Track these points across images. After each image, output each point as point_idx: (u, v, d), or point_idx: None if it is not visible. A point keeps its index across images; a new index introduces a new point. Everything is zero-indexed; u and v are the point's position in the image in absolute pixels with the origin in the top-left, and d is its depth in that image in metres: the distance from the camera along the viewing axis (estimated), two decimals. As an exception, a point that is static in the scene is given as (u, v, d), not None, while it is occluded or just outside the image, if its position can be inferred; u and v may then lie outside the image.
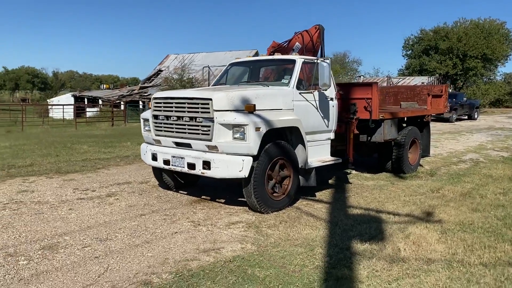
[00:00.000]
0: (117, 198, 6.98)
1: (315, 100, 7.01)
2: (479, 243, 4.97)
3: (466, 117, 30.74)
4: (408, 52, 51.47)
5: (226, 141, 5.90)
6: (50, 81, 78.72)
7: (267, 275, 4.11)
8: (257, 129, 5.78)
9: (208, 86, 8.36)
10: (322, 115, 7.15)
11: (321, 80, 6.71)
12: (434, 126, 24.11)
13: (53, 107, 36.10)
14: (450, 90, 44.93)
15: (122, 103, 35.41)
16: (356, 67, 63.18)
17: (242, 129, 5.78)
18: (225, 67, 8.26)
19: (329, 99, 7.31)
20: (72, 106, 32.60)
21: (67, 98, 43.24)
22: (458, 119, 29.19)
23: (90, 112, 35.29)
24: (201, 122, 6.05)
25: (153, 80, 42.16)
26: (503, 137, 18.56)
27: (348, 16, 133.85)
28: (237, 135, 5.83)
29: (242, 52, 35.86)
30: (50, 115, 34.97)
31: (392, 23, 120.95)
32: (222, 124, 5.88)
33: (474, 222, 5.74)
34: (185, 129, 6.28)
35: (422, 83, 41.48)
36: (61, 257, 4.53)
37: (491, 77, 49.93)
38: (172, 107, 6.45)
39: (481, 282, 3.96)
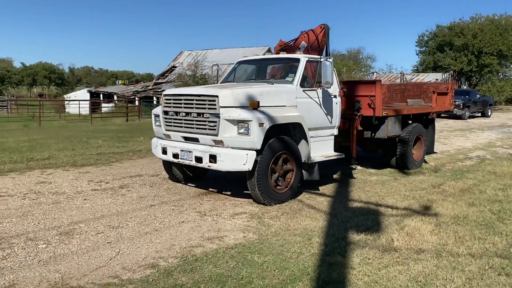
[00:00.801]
0: (129, 190, 7.36)
1: (318, 98, 7.27)
2: (470, 235, 5.21)
3: (479, 114, 30.46)
4: (422, 49, 51.02)
5: (231, 136, 6.23)
6: (67, 77, 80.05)
7: (265, 261, 4.42)
8: (261, 124, 6.08)
9: (217, 83, 8.67)
10: (325, 112, 7.41)
11: (324, 78, 6.97)
12: (446, 124, 24.12)
13: (70, 102, 36.88)
14: (465, 87, 44.58)
15: (136, 98, 36.01)
16: (370, 63, 62.90)
17: (246, 124, 6.09)
18: (233, 65, 8.57)
19: (332, 96, 7.57)
20: (88, 102, 33.32)
21: (82, 93, 44.05)
22: (471, 116, 28.98)
23: (106, 107, 35.98)
24: (208, 117, 6.38)
25: (167, 76, 42.66)
26: (514, 134, 18.51)
27: (363, 12, 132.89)
28: (242, 130, 6.15)
29: (254, 49, 36.13)
30: (67, 110, 35.73)
31: (407, 19, 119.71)
32: (227, 120, 6.20)
33: (468, 216, 5.96)
34: (193, 124, 6.62)
35: (436, 80, 41.20)
36: (77, 242, 4.91)
37: (507, 74, 49.23)
38: (181, 103, 6.79)
39: (465, 270, 4.21)
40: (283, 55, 7.97)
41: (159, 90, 37.80)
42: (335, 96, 7.63)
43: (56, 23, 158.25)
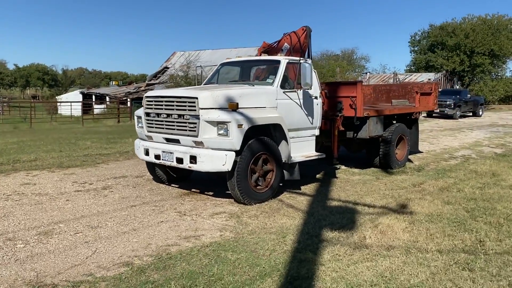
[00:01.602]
0: (112, 191, 7.45)
1: (299, 99, 7.39)
2: (441, 232, 5.33)
3: (470, 114, 30.75)
4: (415, 48, 51.38)
5: (211, 137, 6.33)
6: (60, 78, 79.84)
7: (238, 258, 4.53)
8: (240, 126, 6.20)
9: (200, 85, 8.78)
10: (306, 113, 7.53)
11: (303, 80, 7.09)
12: (437, 123, 24.37)
13: (62, 104, 36.85)
14: (457, 87, 44.91)
15: (128, 100, 36.04)
16: (364, 64, 63.06)
17: (225, 126, 6.20)
18: (216, 67, 8.68)
19: (313, 97, 7.69)
20: (80, 103, 33.29)
21: (75, 95, 44.01)
22: (462, 116, 29.25)
23: (98, 109, 35.99)
24: (188, 119, 6.48)
25: (159, 77, 42.71)
26: (502, 134, 18.72)
27: (357, 12, 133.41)
28: (221, 132, 6.26)
29: (247, 50, 36.20)
30: (59, 112, 35.74)
31: (401, 20, 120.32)
32: (207, 121, 6.31)
33: (442, 214, 6.09)
34: (174, 125, 6.73)
35: (429, 79, 41.49)
36: (55, 241, 5.00)
37: (499, 74, 49.61)
38: (162, 105, 6.89)
39: (431, 266, 4.33)
40: (265, 57, 8.10)
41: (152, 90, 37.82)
42: (316, 97, 7.76)
43: (50, 25, 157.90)
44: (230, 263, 4.39)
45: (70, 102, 32.90)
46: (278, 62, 7.48)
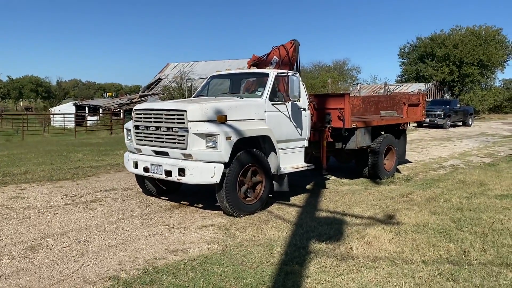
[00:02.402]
0: (101, 204, 7.45)
1: (287, 111, 7.47)
2: (427, 242, 5.39)
3: (460, 124, 31.07)
4: (404, 60, 51.96)
5: (200, 150, 6.38)
6: (54, 90, 79.60)
7: (225, 271, 4.55)
8: (228, 138, 6.25)
9: (190, 97, 8.84)
10: (295, 125, 7.61)
11: (291, 92, 7.18)
12: (427, 133, 24.57)
13: (55, 116, 36.75)
14: (447, 97, 45.37)
15: (121, 111, 36.03)
16: (355, 75, 63.60)
17: (214, 138, 6.25)
18: (206, 79, 8.76)
19: (302, 109, 7.78)
20: (73, 115, 33.24)
21: (68, 107, 43.95)
22: (452, 126, 29.54)
23: (91, 120, 35.92)
24: (177, 132, 6.53)
25: (152, 88, 42.82)
26: (491, 143, 18.92)
27: (348, 24, 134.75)
28: (210, 144, 6.31)
29: (240, 61, 36.39)
30: (52, 123, 35.64)
31: (390, 31, 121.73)
32: (196, 134, 6.36)
33: (428, 224, 6.16)
34: (162, 138, 6.77)
35: (419, 90, 41.89)
36: (41, 256, 4.99)
37: (488, 84, 50.20)
38: (151, 118, 6.94)
39: (415, 277, 4.38)
40: (254, 70, 8.21)
41: (145, 102, 37.84)
42: (304, 109, 7.85)
43: (43, 36, 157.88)
44: (217, 277, 4.41)
45: (63, 114, 32.82)
46: (267, 75, 7.57)
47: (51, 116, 37.60)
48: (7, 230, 5.92)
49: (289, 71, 7.68)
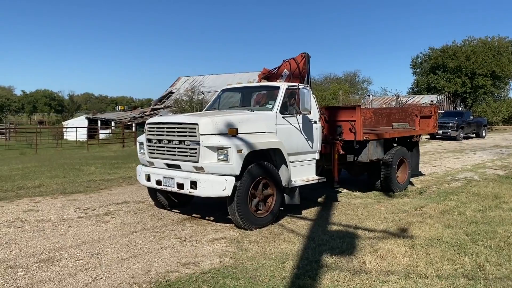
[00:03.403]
0: (114, 217, 7.50)
1: (298, 124, 7.49)
2: (441, 256, 5.32)
3: (474, 135, 30.74)
4: (417, 70, 51.80)
5: (211, 163, 6.42)
6: (67, 104, 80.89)
7: (237, 285, 4.54)
8: (239, 151, 6.28)
9: (202, 111, 8.92)
10: (305, 137, 7.62)
11: (302, 105, 7.21)
12: (440, 145, 24.34)
13: (68, 129, 37.25)
14: (460, 108, 45.01)
15: (133, 124, 36.40)
16: (366, 86, 63.51)
17: (225, 151, 6.29)
18: (217, 93, 8.85)
19: (312, 122, 7.79)
20: (86, 129, 33.67)
21: (81, 120, 44.54)
22: (465, 137, 29.24)
23: (103, 134, 36.33)
24: (189, 145, 6.59)
25: (164, 102, 43.23)
26: (505, 155, 18.67)
27: (359, 36, 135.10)
28: (221, 157, 6.34)
29: (251, 74, 36.64)
30: (65, 137, 36.13)
31: (402, 42, 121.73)
32: (207, 147, 6.41)
33: (442, 238, 6.08)
34: (175, 151, 6.83)
35: (432, 101, 41.68)
36: (55, 269, 5.03)
37: (501, 95, 49.73)
38: (163, 131, 7.01)
39: (430, 291, 4.32)
40: (264, 83, 8.27)
41: (157, 115, 38.22)
42: (315, 122, 7.86)
43: (56, 51, 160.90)
44: (229, 290, 4.40)
45: (75, 128, 33.26)
46: (278, 88, 7.62)
47: (64, 129, 38.13)
48: (22, 243, 5.98)
49: (299, 84, 7.72)
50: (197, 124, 6.51)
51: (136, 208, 8.17)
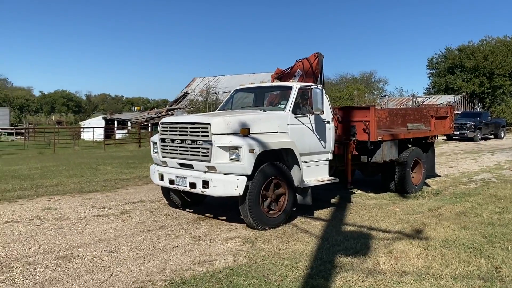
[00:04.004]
0: (130, 215, 7.61)
1: (311, 124, 7.49)
2: (457, 258, 5.27)
3: (492, 136, 30.23)
4: (433, 71, 51.14)
5: (223, 162, 6.46)
6: (84, 104, 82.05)
7: (251, 284, 4.57)
8: (251, 150, 6.31)
9: (215, 111, 8.98)
10: (318, 137, 7.61)
11: (314, 105, 7.21)
12: (457, 146, 24.01)
13: (85, 129, 37.82)
14: (478, 109, 44.28)
15: (149, 125, 36.77)
16: (382, 87, 62.96)
17: (237, 151, 6.33)
18: (230, 93, 8.90)
19: (325, 122, 7.78)
20: (102, 129, 34.15)
21: (98, 120, 45.16)
22: (483, 138, 28.76)
23: (119, 134, 36.78)
24: (201, 144, 6.65)
25: (179, 102, 43.57)
26: (524, 156, 18.32)
27: (376, 36, 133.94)
28: (233, 157, 6.38)
29: (265, 75, 36.60)
30: (82, 137, 36.67)
31: (417, 43, 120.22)
32: (219, 147, 6.46)
33: (458, 239, 6.02)
34: (187, 151, 6.90)
35: (448, 102, 41.10)
36: (73, 266, 5.14)
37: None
38: (176, 131, 7.09)
39: (445, 293, 4.29)
40: (277, 83, 8.29)
41: (172, 116, 38.54)
42: (328, 122, 7.84)
43: (74, 52, 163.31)
44: (242, 289, 4.43)
45: (92, 128, 33.75)
46: (290, 88, 7.63)
47: (81, 129, 38.72)
48: (41, 240, 6.12)
49: (312, 84, 7.71)
50: (209, 124, 6.56)
51: (151, 207, 8.28)
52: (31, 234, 6.44)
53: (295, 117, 7.30)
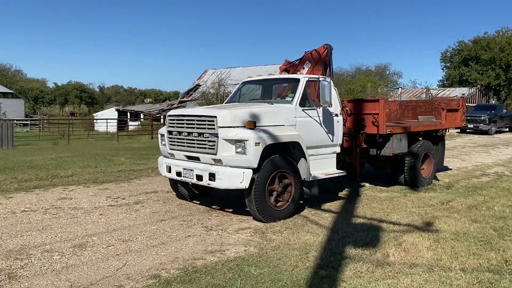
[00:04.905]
0: (143, 205, 7.76)
1: (318, 117, 7.47)
2: (466, 250, 5.29)
3: (507, 129, 29.82)
4: (447, 64, 50.49)
5: (229, 155, 6.53)
6: (97, 96, 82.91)
7: (261, 273, 4.67)
8: (257, 144, 6.35)
9: (222, 103, 9.04)
10: (326, 130, 7.59)
11: (322, 98, 7.18)
12: (471, 139, 23.77)
13: (98, 120, 38.25)
14: (493, 102, 43.66)
15: (162, 116, 37.02)
16: (396, 79, 62.37)
17: (243, 144, 6.38)
18: (238, 85, 8.93)
19: (333, 115, 7.76)
20: (115, 120, 34.50)
21: (111, 112, 45.58)
22: (498, 132, 28.41)
23: (132, 125, 37.12)
24: (207, 137, 6.71)
25: (191, 94, 43.74)
26: (539, 150, 18.07)
27: (390, 29, 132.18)
28: (239, 150, 6.44)
29: (276, 67, 36.39)
30: (95, 128, 37.11)
31: (431, 35, 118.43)
32: (225, 139, 6.52)
33: (469, 232, 6.03)
34: (194, 143, 6.98)
35: (463, 94, 40.58)
36: (88, 254, 5.29)
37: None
38: (183, 123, 7.17)
39: (453, 284, 4.33)
40: (284, 75, 8.28)
41: (183, 108, 38.69)
42: (336, 115, 7.81)
43: (87, 44, 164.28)
44: (253, 278, 4.53)
45: (106, 119, 34.11)
46: (298, 80, 7.62)
47: (95, 121, 39.17)
48: (57, 229, 6.29)
49: (320, 76, 7.65)
50: (215, 117, 6.61)
51: (164, 198, 8.41)
52: (48, 223, 6.62)
53: (302, 110, 7.28)
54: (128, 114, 43.36)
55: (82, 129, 34.15)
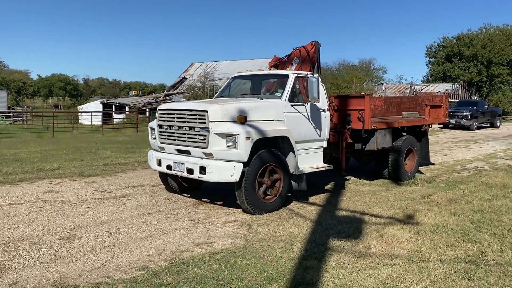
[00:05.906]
0: (130, 199, 7.82)
1: (307, 112, 7.65)
2: (445, 242, 5.50)
3: (488, 125, 30.48)
4: (432, 60, 51.18)
5: (220, 149, 6.64)
6: (81, 88, 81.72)
7: (247, 264, 4.80)
8: (247, 138, 6.48)
9: (212, 98, 9.12)
10: (314, 125, 7.77)
11: (310, 94, 7.35)
12: (453, 134, 24.24)
13: (83, 113, 37.83)
14: (475, 98, 44.47)
15: (147, 110, 36.81)
16: (381, 75, 62.92)
17: (234, 138, 6.50)
18: (228, 80, 9.03)
19: (321, 110, 7.94)
20: (100, 113, 34.16)
21: (96, 105, 45.00)
22: (479, 127, 29.01)
23: (117, 118, 36.81)
24: (198, 131, 6.81)
25: (177, 87, 43.53)
26: (518, 145, 18.56)
27: (375, 24, 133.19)
28: (230, 144, 6.55)
29: (263, 61, 36.61)
30: (80, 121, 36.70)
31: (416, 31, 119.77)
32: (216, 134, 6.62)
33: (447, 225, 6.25)
34: (185, 137, 7.06)
35: (446, 90, 41.25)
36: (76, 246, 5.35)
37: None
38: (174, 117, 7.24)
39: (431, 274, 4.52)
40: (274, 71, 8.41)
41: (170, 101, 38.54)
42: (323, 110, 8.00)
43: (71, 35, 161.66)
44: (239, 269, 4.66)
45: (90, 112, 33.77)
46: (287, 76, 7.76)
47: (80, 113, 38.72)
48: (44, 222, 6.33)
49: (308, 73, 7.81)
50: (206, 111, 6.71)
51: (151, 191, 8.48)
52: (35, 215, 6.64)
53: (291, 105, 7.44)
54: (113, 107, 42.95)
55: (67, 121, 33.74)
